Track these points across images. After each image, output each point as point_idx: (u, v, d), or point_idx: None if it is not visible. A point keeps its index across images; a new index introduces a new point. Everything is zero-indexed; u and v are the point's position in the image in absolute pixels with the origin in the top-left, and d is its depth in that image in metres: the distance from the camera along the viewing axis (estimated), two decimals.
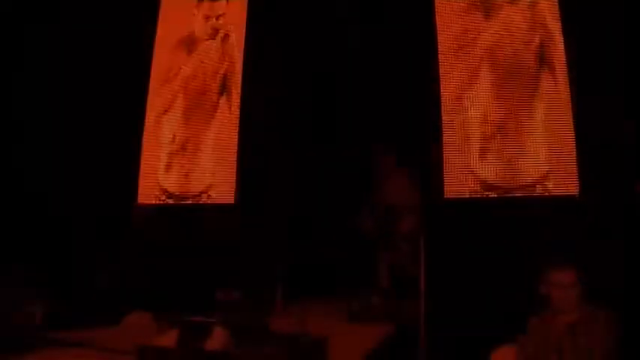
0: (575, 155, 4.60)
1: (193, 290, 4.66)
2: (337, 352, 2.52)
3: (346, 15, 5.44)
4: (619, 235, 4.22)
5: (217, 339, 1.62)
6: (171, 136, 5.86)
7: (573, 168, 4.60)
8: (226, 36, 5.92)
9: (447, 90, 4.97)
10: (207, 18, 6.03)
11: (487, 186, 4.82)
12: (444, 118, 4.92)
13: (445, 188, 4.81)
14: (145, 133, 5.91)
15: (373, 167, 5.36)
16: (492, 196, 4.77)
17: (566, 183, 4.62)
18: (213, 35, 5.99)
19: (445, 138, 4.88)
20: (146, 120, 5.93)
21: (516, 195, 4.71)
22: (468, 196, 4.81)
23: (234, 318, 2.74)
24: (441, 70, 4.97)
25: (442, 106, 4.92)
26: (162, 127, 5.93)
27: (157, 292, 4.90)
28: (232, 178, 5.44)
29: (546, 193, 4.66)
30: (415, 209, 5.09)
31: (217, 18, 5.99)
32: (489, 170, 4.82)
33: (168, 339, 1.73)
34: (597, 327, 2.55)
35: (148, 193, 5.83)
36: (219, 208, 5.45)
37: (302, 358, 1.77)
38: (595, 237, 4.17)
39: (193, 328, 1.71)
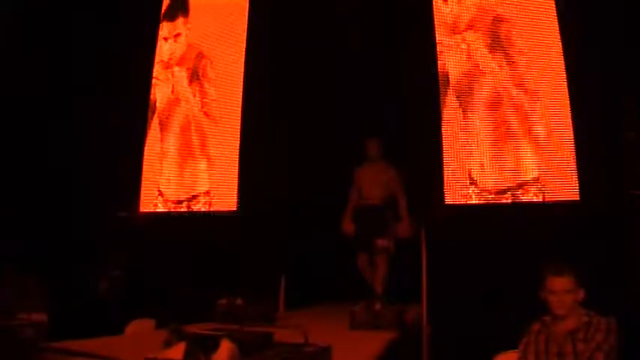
0: (574, 161, 4.66)
1: (196, 298, 4.69)
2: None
3: (348, 26, 5.47)
4: (618, 240, 4.27)
5: (224, 352, 1.65)
6: (170, 147, 5.95)
7: (573, 173, 4.66)
8: (198, 54, 5.99)
9: (447, 101, 5.07)
10: (165, 39, 6.16)
11: (487, 192, 4.88)
12: (443, 128, 5.02)
13: (445, 195, 4.93)
14: (146, 142, 6.01)
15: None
16: (492, 202, 4.85)
17: (565, 188, 4.69)
18: (178, 55, 6.09)
19: (445, 147, 4.98)
20: (148, 131, 6.04)
21: (516, 200, 4.78)
22: (467, 202, 4.90)
23: (237, 325, 2.75)
24: (441, 81, 5.08)
25: (442, 117, 5.02)
26: (161, 138, 6.01)
27: (159, 299, 4.93)
28: (234, 186, 5.52)
29: (546, 199, 4.72)
30: (392, 199, 4.78)
31: (175, 38, 6.08)
32: (488, 177, 4.89)
33: (176, 352, 1.75)
34: (597, 334, 2.56)
35: (149, 201, 5.89)
36: (221, 217, 5.51)
37: None
38: (594, 242, 4.21)
39: (200, 341, 1.74)
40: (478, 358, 3.28)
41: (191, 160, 5.83)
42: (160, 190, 5.88)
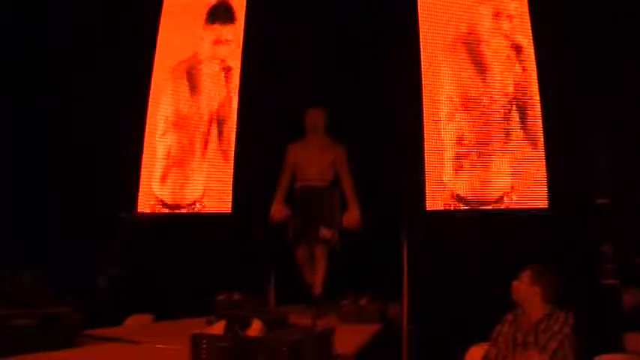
0: (545, 172, 5.02)
1: (193, 293, 4.91)
2: None
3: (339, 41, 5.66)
4: (581, 243, 4.63)
5: (255, 328, 2.01)
6: (168, 150, 6.14)
7: (543, 183, 5.02)
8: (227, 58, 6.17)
9: (428, 112, 5.36)
10: (216, 42, 6.23)
11: (463, 200, 5.21)
12: (425, 139, 5.30)
13: (426, 202, 5.22)
14: (144, 145, 6.17)
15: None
16: (468, 208, 5.18)
17: (535, 197, 5.04)
18: (218, 58, 6.22)
19: (427, 157, 5.26)
20: (145, 133, 6.20)
21: (490, 208, 5.12)
22: (446, 208, 5.20)
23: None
24: (424, 95, 5.37)
25: (424, 128, 5.30)
26: (160, 141, 6.20)
27: (157, 295, 5.15)
28: (229, 189, 5.78)
29: (518, 206, 5.08)
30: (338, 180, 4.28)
31: (226, 42, 6.20)
32: (466, 186, 5.21)
33: (217, 328, 2.11)
34: (555, 325, 2.94)
35: (146, 201, 6.11)
36: (216, 217, 5.74)
37: (317, 341, 2.18)
38: (559, 245, 4.56)
39: (237, 319, 2.09)
40: (453, 349, 3.61)
41: (192, 163, 6.03)
42: (158, 192, 6.09)
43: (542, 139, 5.05)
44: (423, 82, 5.39)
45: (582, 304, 3.87)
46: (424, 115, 5.34)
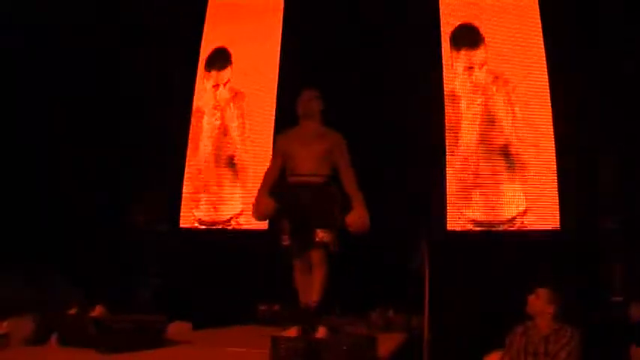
0: (557, 195, 5.37)
1: (232, 304, 5.34)
2: None
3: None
4: (591, 261, 4.97)
5: (321, 332, 2.49)
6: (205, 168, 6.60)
7: (555, 206, 5.38)
8: (237, 94, 6.57)
9: (451, 139, 5.76)
10: (216, 87, 6.67)
11: (482, 221, 5.58)
12: (447, 164, 5.68)
13: (447, 223, 5.57)
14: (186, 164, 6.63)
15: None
16: (486, 229, 5.54)
17: (548, 217, 5.41)
18: (223, 101, 6.64)
19: (448, 180, 5.64)
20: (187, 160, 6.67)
21: (507, 229, 5.48)
22: (466, 229, 5.58)
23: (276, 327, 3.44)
24: (447, 121, 5.77)
25: (446, 154, 5.67)
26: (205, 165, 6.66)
27: (196, 304, 5.54)
28: None
29: (532, 226, 5.44)
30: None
31: (225, 85, 6.62)
32: (486, 208, 5.58)
33: (292, 331, 2.55)
34: (563, 338, 3.34)
35: (188, 218, 6.56)
36: (253, 233, 6.11)
37: (367, 344, 2.66)
38: (569, 265, 4.90)
39: (308, 325, 2.58)
40: (471, 355, 3.99)
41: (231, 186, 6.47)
42: (197, 210, 6.51)
43: (554, 161, 5.38)
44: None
45: (591, 318, 4.23)
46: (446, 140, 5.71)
